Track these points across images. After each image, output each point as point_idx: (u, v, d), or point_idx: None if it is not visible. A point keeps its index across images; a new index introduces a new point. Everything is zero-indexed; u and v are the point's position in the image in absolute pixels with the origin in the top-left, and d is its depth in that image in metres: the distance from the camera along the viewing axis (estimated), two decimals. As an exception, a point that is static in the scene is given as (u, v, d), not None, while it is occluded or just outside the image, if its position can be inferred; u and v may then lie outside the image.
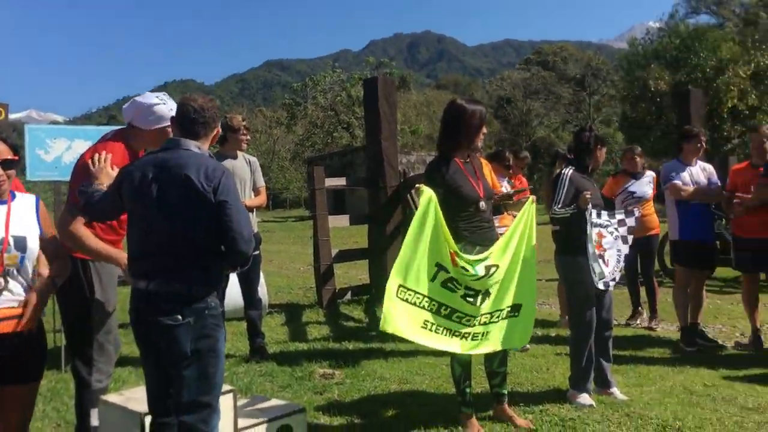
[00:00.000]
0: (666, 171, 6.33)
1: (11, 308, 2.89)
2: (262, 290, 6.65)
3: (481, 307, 3.86)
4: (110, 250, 3.42)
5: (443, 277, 3.76)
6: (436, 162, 4.06)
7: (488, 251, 3.91)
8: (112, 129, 3.90)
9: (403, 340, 6.34)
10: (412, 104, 52.02)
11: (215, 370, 2.86)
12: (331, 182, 8.71)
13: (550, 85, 54.69)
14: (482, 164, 4.41)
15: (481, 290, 3.85)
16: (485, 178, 4.24)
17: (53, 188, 7.49)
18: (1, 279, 2.86)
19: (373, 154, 8.48)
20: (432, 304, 3.75)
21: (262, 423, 3.57)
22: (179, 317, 2.77)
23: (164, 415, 2.93)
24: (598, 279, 4.47)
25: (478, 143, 4.11)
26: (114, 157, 3.53)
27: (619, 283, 4.77)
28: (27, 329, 2.93)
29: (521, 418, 4.17)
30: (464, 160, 4.08)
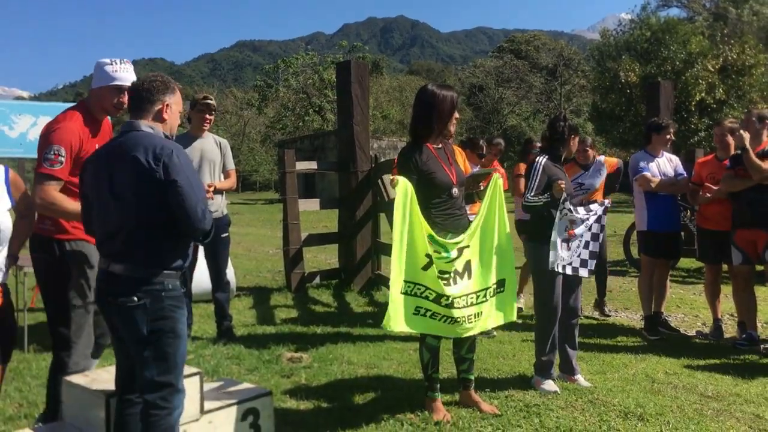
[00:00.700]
0: (634, 162, 6.39)
1: None
2: (230, 273, 6.61)
3: (456, 288, 3.88)
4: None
5: (425, 262, 3.78)
6: (409, 148, 4.05)
7: (463, 235, 3.95)
8: None
9: (372, 325, 6.40)
10: (385, 89, 51.86)
11: (174, 350, 2.86)
12: (301, 165, 8.67)
13: (522, 74, 54.83)
14: (455, 151, 4.42)
15: (451, 271, 3.88)
16: (458, 164, 4.24)
17: (17, 165, 7.36)
18: None
19: (344, 137, 8.46)
20: (428, 293, 3.78)
21: (229, 406, 3.55)
22: (135, 298, 2.78)
23: (129, 392, 2.98)
24: (554, 260, 4.49)
25: (451, 129, 4.11)
26: (70, 123, 3.57)
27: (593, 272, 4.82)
28: None
29: (487, 404, 4.21)
30: (437, 146, 4.08)
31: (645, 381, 4.83)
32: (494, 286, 4.07)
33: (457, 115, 4.09)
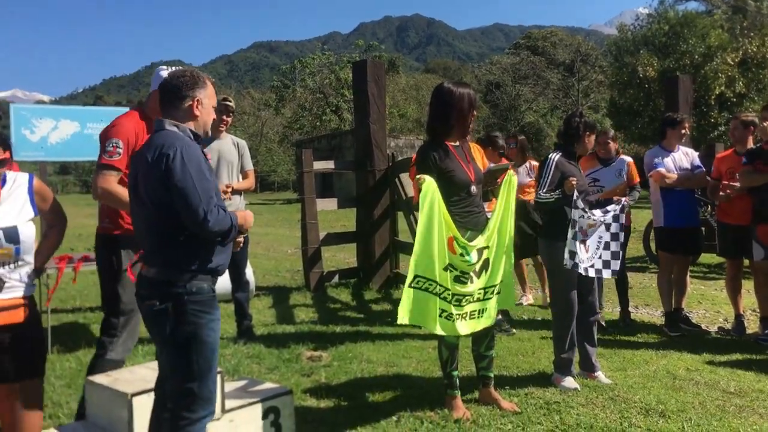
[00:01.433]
0: (649, 158, 6.35)
1: (13, 299, 2.75)
2: (250, 273, 6.65)
3: (472, 286, 3.91)
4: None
5: (446, 263, 3.80)
6: (428, 146, 4.06)
7: (482, 236, 3.95)
8: (98, 108, 4.01)
9: (391, 323, 6.41)
10: (401, 88, 51.82)
11: (198, 357, 2.75)
12: (319, 165, 8.70)
13: (539, 70, 54.54)
14: (472, 148, 4.42)
15: (471, 272, 3.90)
16: (476, 162, 4.25)
17: (39, 168, 7.43)
18: None
19: (361, 137, 8.48)
20: (442, 290, 3.79)
21: (250, 405, 3.58)
22: (156, 302, 2.73)
23: (165, 395, 2.91)
24: (569, 259, 4.48)
25: (470, 127, 4.12)
26: (127, 120, 3.81)
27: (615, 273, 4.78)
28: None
29: (507, 401, 4.21)
30: (455, 144, 4.08)
31: (666, 378, 4.80)
32: (502, 283, 4.09)
33: (475, 113, 4.09)
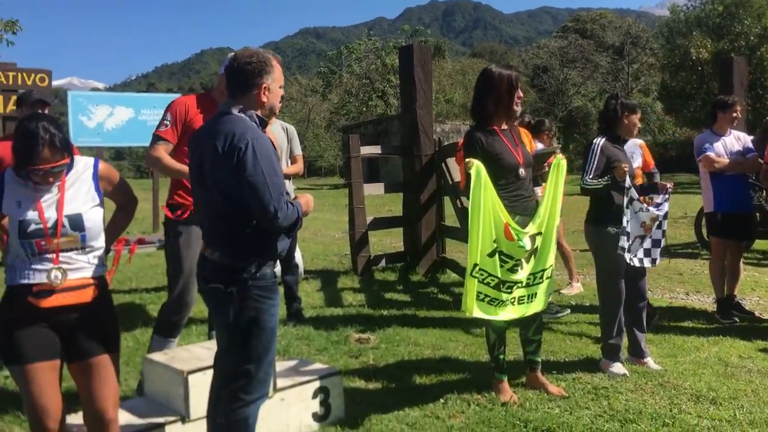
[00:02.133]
0: (699, 143, 6.23)
1: (81, 278, 2.75)
2: (299, 256, 6.74)
3: (522, 273, 3.93)
4: (182, 167, 3.84)
5: (491, 248, 3.82)
6: (474, 130, 4.07)
7: (533, 223, 3.95)
8: (151, 95, 4.23)
9: (437, 307, 6.45)
10: (447, 73, 51.45)
11: (256, 342, 2.77)
12: (366, 150, 8.73)
13: (587, 54, 53.52)
14: (521, 133, 4.40)
15: (524, 258, 3.92)
16: (524, 145, 4.23)
17: (96, 154, 7.64)
18: (57, 272, 2.67)
19: (408, 122, 8.49)
20: (487, 278, 3.82)
21: (301, 384, 3.67)
22: (221, 286, 2.75)
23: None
24: (623, 251, 4.44)
25: (515, 109, 4.09)
26: (181, 98, 4.18)
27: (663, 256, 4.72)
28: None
29: (554, 386, 4.21)
30: (503, 127, 4.08)
31: (718, 365, 4.74)
32: (551, 267, 4.08)
33: (520, 94, 4.05)
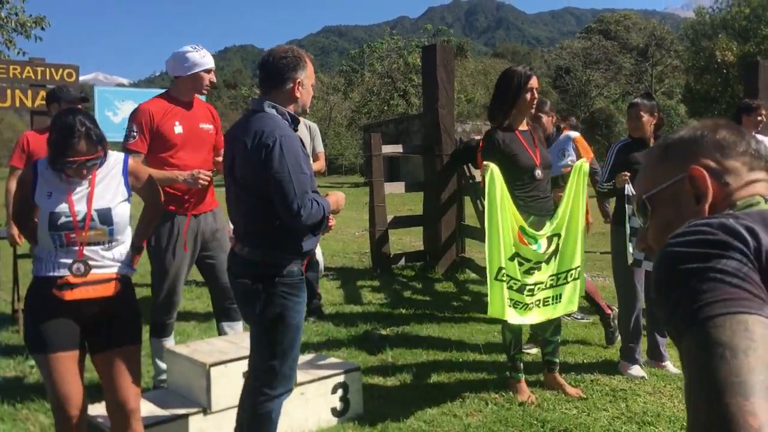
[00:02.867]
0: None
1: (104, 274, 2.77)
2: (319, 253, 6.77)
3: (541, 275, 3.95)
4: (166, 174, 3.83)
5: (512, 252, 3.85)
6: (492, 130, 4.11)
7: (550, 224, 3.98)
8: None
9: (456, 307, 6.47)
10: (469, 72, 51.32)
11: (282, 338, 2.81)
12: (387, 149, 8.76)
13: (611, 55, 53.13)
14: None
15: (542, 260, 3.94)
16: (543, 147, 4.25)
17: (121, 150, 7.70)
18: (81, 265, 2.71)
19: (429, 121, 8.50)
20: (510, 281, 3.86)
21: (320, 379, 3.72)
22: (248, 282, 2.79)
23: None
24: (630, 254, 4.43)
25: (529, 107, 4.07)
26: (142, 104, 4.02)
27: None
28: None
29: (572, 387, 4.22)
30: (522, 129, 4.10)
31: (737, 369, 4.71)
32: (577, 269, 4.09)
33: (534, 93, 4.02)
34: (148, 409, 3.31)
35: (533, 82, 4.00)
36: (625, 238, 4.46)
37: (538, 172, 4.04)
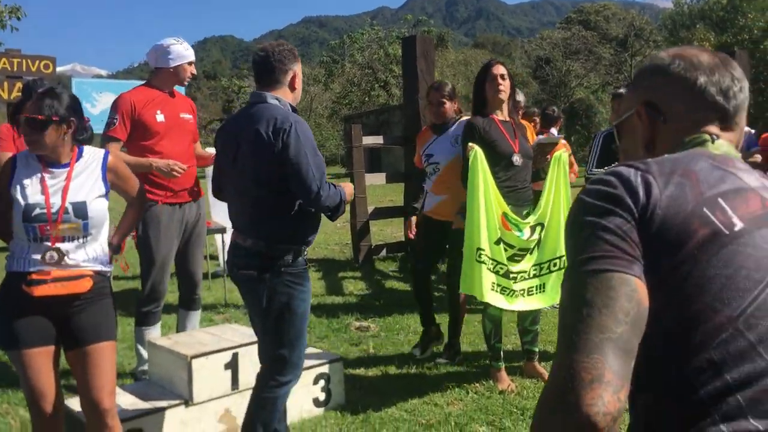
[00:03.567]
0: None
1: (78, 270, 2.72)
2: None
3: (525, 264, 3.99)
4: (139, 160, 3.87)
5: (497, 236, 3.89)
6: (473, 117, 4.20)
7: (533, 215, 4.02)
8: None
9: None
10: (450, 63, 51.29)
11: (289, 327, 2.85)
12: (368, 140, 8.77)
13: (590, 45, 53.32)
14: (525, 127, 4.45)
15: (527, 248, 3.98)
16: (525, 138, 4.29)
17: (100, 143, 7.65)
18: (54, 253, 2.67)
19: (410, 112, 8.51)
20: (497, 266, 3.88)
21: (302, 370, 3.72)
22: (254, 272, 2.82)
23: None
24: None
25: (498, 96, 4.14)
26: (124, 93, 4.07)
27: None
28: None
29: (551, 375, 4.26)
30: (503, 119, 4.16)
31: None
32: (561, 258, 4.12)
33: (499, 81, 4.10)
34: (129, 401, 3.31)
35: (497, 69, 4.13)
36: None
37: (516, 158, 4.10)
